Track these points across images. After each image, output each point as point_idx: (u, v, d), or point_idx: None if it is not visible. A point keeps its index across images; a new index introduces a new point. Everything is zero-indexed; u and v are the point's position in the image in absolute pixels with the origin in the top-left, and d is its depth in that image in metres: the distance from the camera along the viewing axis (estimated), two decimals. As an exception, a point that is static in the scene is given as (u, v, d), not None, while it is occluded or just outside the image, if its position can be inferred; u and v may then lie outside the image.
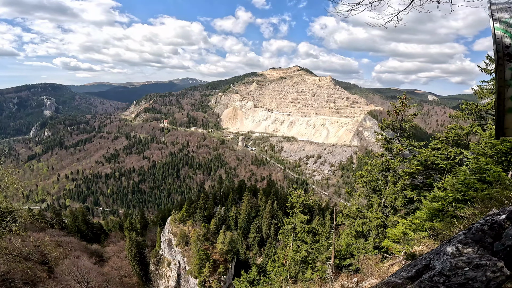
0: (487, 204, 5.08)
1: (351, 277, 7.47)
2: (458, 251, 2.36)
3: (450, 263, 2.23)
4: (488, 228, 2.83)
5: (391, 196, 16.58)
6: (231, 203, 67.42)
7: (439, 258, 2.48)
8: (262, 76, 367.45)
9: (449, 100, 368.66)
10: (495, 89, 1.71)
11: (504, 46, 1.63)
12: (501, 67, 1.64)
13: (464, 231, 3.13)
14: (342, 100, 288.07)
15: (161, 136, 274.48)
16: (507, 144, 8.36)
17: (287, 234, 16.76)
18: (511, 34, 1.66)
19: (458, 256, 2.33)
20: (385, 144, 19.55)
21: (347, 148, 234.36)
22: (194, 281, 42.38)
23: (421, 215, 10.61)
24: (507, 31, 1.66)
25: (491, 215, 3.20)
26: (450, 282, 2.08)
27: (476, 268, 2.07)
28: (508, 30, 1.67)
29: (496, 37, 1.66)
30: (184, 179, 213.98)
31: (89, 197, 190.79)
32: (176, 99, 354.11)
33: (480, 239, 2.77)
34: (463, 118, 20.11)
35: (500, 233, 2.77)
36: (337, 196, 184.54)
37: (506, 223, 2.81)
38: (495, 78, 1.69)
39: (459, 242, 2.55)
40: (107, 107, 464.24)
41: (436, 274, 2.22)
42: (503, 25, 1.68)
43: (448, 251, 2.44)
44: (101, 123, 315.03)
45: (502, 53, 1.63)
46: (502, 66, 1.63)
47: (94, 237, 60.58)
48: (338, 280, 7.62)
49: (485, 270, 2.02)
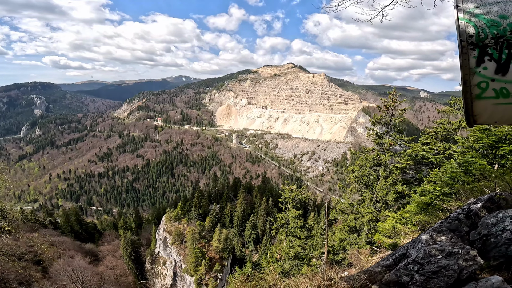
0: (469, 196, 5.18)
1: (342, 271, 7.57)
2: (432, 239, 2.40)
3: (424, 251, 2.27)
4: (464, 217, 2.88)
5: (383, 191, 16.78)
6: (226, 201, 67.39)
7: (415, 246, 2.51)
8: (256, 73, 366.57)
9: (440, 97, 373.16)
10: (461, 77, 1.74)
11: (467, 35, 1.67)
12: (465, 55, 1.67)
13: (441, 220, 3.17)
14: (336, 97, 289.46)
15: (154, 134, 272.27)
16: (492, 137, 8.53)
17: (278, 229, 16.82)
18: (474, 23, 1.69)
19: (431, 244, 2.37)
20: (376, 139, 19.77)
21: (341, 145, 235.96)
22: (190, 279, 42.37)
23: (410, 209, 10.79)
24: (470, 21, 1.69)
25: (468, 205, 3.25)
26: (423, 270, 2.12)
27: (448, 256, 2.10)
28: (472, 20, 1.69)
29: (460, 26, 1.69)
30: (179, 177, 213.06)
31: (82, 196, 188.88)
32: (169, 97, 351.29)
33: (457, 228, 2.81)
34: (452, 113, 20.39)
35: (476, 222, 2.82)
36: (332, 192, 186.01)
37: (482, 211, 2.86)
38: (460, 66, 1.72)
39: (433, 230, 2.59)
40: (99, 106, 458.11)
41: (410, 262, 2.26)
42: (467, 15, 1.71)
43: (422, 239, 2.48)
44: (93, 121, 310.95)
45: (466, 42, 1.67)
46: (467, 55, 1.67)
47: (88, 236, 60.04)
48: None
49: (457, 258, 2.05)
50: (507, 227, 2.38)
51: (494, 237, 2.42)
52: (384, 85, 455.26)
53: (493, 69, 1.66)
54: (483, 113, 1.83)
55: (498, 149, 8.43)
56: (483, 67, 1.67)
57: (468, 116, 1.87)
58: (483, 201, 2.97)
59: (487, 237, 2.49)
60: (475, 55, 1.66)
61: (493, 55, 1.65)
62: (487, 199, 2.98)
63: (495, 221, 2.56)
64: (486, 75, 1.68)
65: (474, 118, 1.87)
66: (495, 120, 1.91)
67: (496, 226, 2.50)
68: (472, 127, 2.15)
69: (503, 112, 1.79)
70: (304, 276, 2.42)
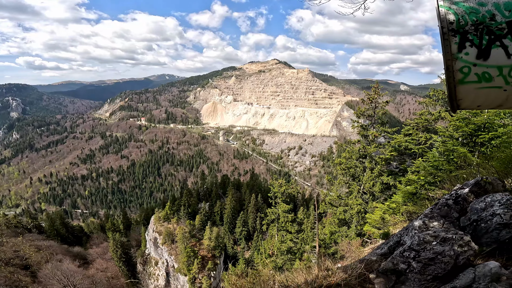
0: (454, 183, 5.36)
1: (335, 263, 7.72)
2: (425, 225, 2.44)
3: (418, 238, 2.30)
4: (453, 202, 2.94)
5: (369, 183, 17.14)
6: (215, 199, 67.10)
7: (408, 233, 2.54)
8: (241, 70, 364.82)
9: (419, 90, 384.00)
10: (444, 63, 1.80)
11: (448, 22, 1.73)
12: (447, 41, 1.73)
13: (431, 207, 3.23)
14: (320, 92, 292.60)
15: (139, 134, 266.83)
16: (472, 126, 8.85)
17: (269, 224, 16.92)
18: (454, 11, 1.74)
19: (425, 230, 2.40)
20: (361, 131, 20.16)
21: (326, 139, 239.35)
22: (184, 279, 42.16)
23: (397, 199, 11.08)
24: (450, 8, 1.75)
25: (455, 190, 3.31)
26: (420, 256, 2.15)
27: (443, 242, 2.14)
28: (451, 7, 1.75)
29: (440, 14, 1.75)
30: (166, 177, 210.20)
31: (65, 199, 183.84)
32: (153, 96, 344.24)
33: (446, 214, 2.87)
34: (431, 105, 21.00)
35: (465, 207, 2.89)
36: (320, 186, 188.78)
37: (469, 196, 2.94)
38: (442, 52, 1.77)
39: (425, 216, 2.63)
40: (79, 107, 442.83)
41: (406, 249, 2.28)
42: (446, 3, 1.76)
43: (415, 225, 2.51)
44: (73, 123, 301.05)
45: (447, 28, 1.73)
46: (448, 41, 1.73)
47: (75, 240, 58.84)
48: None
49: (452, 244, 2.09)
50: (496, 211, 2.45)
51: (484, 222, 2.48)
52: (366, 79, 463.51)
53: (474, 55, 1.72)
54: (466, 98, 1.89)
55: (477, 137, 8.76)
56: (465, 53, 1.72)
57: (452, 101, 1.92)
58: (470, 186, 3.05)
59: (477, 223, 2.55)
60: (456, 41, 1.71)
61: (474, 41, 1.71)
62: (473, 184, 3.06)
63: (483, 205, 2.63)
64: (468, 60, 1.73)
65: (458, 103, 1.92)
66: (478, 104, 1.96)
67: (485, 211, 2.57)
68: (455, 112, 2.23)
69: (485, 96, 1.84)
70: (300, 269, 2.43)
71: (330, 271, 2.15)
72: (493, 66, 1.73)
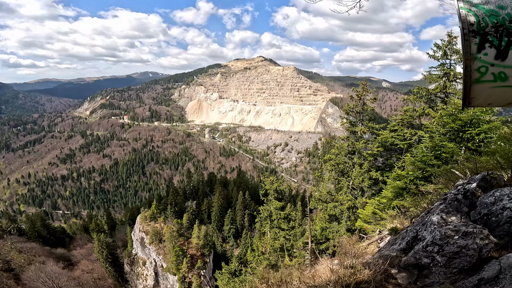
0: (450, 178, 5.59)
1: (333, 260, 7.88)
2: (443, 220, 2.52)
3: (440, 232, 2.38)
4: (462, 197, 3.06)
5: (359, 178, 17.53)
6: (203, 197, 66.62)
7: (427, 228, 2.62)
8: (227, 67, 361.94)
9: (400, 87, 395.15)
10: (463, 63, 1.88)
11: (469, 23, 1.80)
12: (467, 42, 1.81)
13: (440, 202, 3.33)
14: (305, 89, 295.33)
15: (121, 132, 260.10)
16: (459, 122, 9.21)
17: (262, 222, 17.02)
18: (474, 12, 1.82)
19: (445, 225, 2.48)
20: (349, 127, 20.53)
21: (312, 135, 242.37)
22: (173, 278, 41.78)
23: (387, 194, 11.40)
24: (470, 10, 1.83)
25: (462, 185, 3.43)
26: (444, 251, 2.23)
27: (465, 236, 2.23)
28: (472, 9, 1.83)
29: (461, 16, 1.82)
30: (151, 176, 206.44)
31: (45, 200, 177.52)
32: (136, 93, 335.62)
33: (457, 209, 2.98)
34: (415, 101, 21.63)
35: (474, 201, 3.01)
36: (306, 182, 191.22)
37: (477, 191, 3.07)
38: (462, 52, 1.85)
39: (441, 211, 2.71)
40: (57, 105, 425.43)
41: (429, 244, 2.36)
42: (466, 5, 1.84)
43: (433, 220, 2.59)
44: (51, 122, 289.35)
45: (467, 30, 1.81)
46: (468, 42, 1.81)
47: (57, 241, 57.31)
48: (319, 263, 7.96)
49: (474, 238, 2.18)
50: (506, 205, 2.57)
51: (495, 216, 2.60)
52: (349, 76, 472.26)
53: (493, 55, 1.81)
54: (479, 96, 1.98)
55: (464, 133, 9.13)
56: (484, 53, 1.82)
57: (465, 99, 2.01)
58: (477, 181, 3.18)
59: (488, 216, 2.67)
60: (476, 42, 1.80)
61: (494, 42, 1.81)
62: (480, 179, 3.19)
63: (493, 200, 2.75)
64: (486, 60, 1.83)
65: (470, 101, 2.02)
66: (489, 102, 2.07)
67: (495, 205, 2.69)
68: (464, 108, 2.38)
69: (499, 94, 1.96)
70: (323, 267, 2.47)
71: (354, 269, 2.21)
72: (509, 66, 1.84)
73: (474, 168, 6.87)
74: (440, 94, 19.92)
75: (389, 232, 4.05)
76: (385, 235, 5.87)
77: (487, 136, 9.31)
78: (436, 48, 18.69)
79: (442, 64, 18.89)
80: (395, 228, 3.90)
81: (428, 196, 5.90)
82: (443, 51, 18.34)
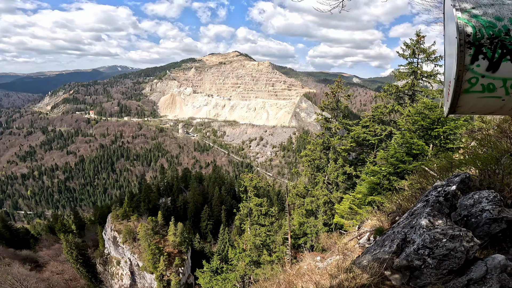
0: (424, 175, 5.98)
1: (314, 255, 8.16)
2: (431, 224, 2.70)
3: (429, 236, 2.55)
4: (444, 199, 3.28)
5: (334, 173, 18.13)
6: (177, 193, 65.36)
7: (416, 231, 2.79)
8: (201, 62, 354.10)
9: (369, 83, 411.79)
10: (455, 73, 1.89)
11: (465, 34, 1.81)
12: (462, 53, 1.82)
13: (423, 203, 3.53)
14: (280, 84, 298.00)
15: (87, 128, 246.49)
16: (428, 120, 9.82)
17: (243, 219, 17.12)
18: (472, 24, 1.83)
19: (433, 229, 2.66)
20: (325, 123, 21.09)
21: (286, 129, 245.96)
22: (151, 277, 40.86)
23: (362, 190, 11.90)
24: (469, 21, 1.84)
25: (441, 187, 3.66)
26: (434, 253, 2.40)
27: (452, 239, 2.41)
28: (470, 20, 1.84)
29: (459, 26, 1.83)
30: (121, 172, 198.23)
31: (5, 201, 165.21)
32: (103, 88, 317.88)
33: (439, 211, 3.19)
34: (385, 98, 22.60)
35: (454, 203, 3.24)
36: (281, 176, 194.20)
37: (457, 193, 3.30)
38: (456, 63, 1.86)
39: (428, 215, 2.89)
40: (14, 100, 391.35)
41: (420, 247, 2.52)
42: (465, 15, 1.85)
43: (422, 224, 2.76)
44: (8, 117, 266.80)
45: (463, 41, 1.81)
46: (463, 53, 1.82)
47: (21, 243, 53.99)
48: (302, 260, 8.19)
49: (461, 240, 2.36)
50: (485, 207, 2.81)
51: (475, 217, 2.83)
52: (322, 72, 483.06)
53: (485, 67, 1.85)
54: (465, 105, 2.05)
55: (432, 131, 9.75)
56: (477, 65, 1.85)
57: (452, 107, 2.08)
58: (456, 183, 3.42)
59: (468, 218, 2.90)
60: (470, 53, 1.83)
61: (487, 54, 1.84)
62: (459, 182, 3.44)
63: (472, 202, 2.99)
64: (478, 71, 1.87)
65: (455, 109, 2.09)
66: (472, 110, 2.16)
67: (474, 207, 2.93)
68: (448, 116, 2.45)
69: (483, 104, 2.02)
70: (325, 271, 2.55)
71: (352, 273, 2.32)
72: (499, 78, 1.89)
73: (445, 166, 7.26)
74: (408, 92, 21.03)
75: (375, 232, 4.28)
76: (365, 231, 6.15)
77: (451, 133, 10.08)
78: (405, 47, 19.52)
79: (410, 63, 19.81)
80: (380, 229, 4.12)
81: (404, 193, 6.26)
82: (412, 50, 19.17)
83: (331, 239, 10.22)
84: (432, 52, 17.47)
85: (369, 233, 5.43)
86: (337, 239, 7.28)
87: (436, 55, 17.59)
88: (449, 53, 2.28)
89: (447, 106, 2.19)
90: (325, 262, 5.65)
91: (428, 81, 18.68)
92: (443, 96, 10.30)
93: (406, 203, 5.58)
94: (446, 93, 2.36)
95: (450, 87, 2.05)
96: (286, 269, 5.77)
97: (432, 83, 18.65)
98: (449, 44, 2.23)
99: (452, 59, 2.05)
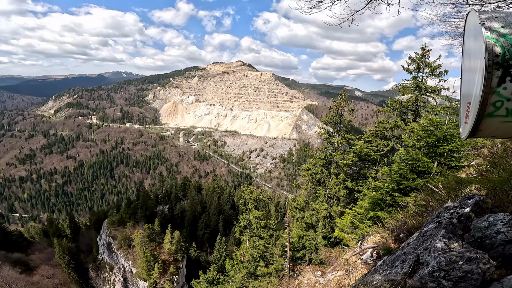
0: (431, 194, 5.90)
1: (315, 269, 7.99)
2: (447, 247, 2.64)
3: (445, 258, 2.49)
4: (457, 221, 3.23)
5: (335, 188, 18.00)
6: (175, 201, 64.90)
7: (430, 253, 2.73)
8: (204, 70, 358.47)
9: (371, 96, 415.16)
10: (480, 95, 1.77)
11: (494, 55, 1.71)
12: (489, 75, 1.72)
13: (434, 225, 3.48)
14: (282, 95, 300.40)
15: (89, 133, 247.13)
16: (433, 137, 9.79)
17: (242, 231, 16.90)
18: (501, 43, 1.72)
19: (449, 252, 2.60)
20: (327, 138, 21.09)
21: (287, 141, 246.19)
22: (144, 284, 40.14)
23: (364, 204, 11.78)
24: (498, 41, 1.73)
25: (453, 208, 3.62)
26: (450, 276, 2.34)
27: (469, 261, 2.35)
28: (499, 40, 1.73)
29: (487, 46, 1.72)
30: (120, 179, 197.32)
31: (1, 203, 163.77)
32: (107, 93, 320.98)
33: (452, 232, 3.13)
34: (388, 113, 22.61)
35: (467, 225, 3.19)
36: (280, 188, 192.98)
37: (471, 216, 3.25)
38: (483, 85, 1.75)
39: (443, 237, 2.84)
40: (18, 103, 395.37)
41: (435, 269, 2.46)
42: (494, 34, 1.75)
43: (438, 246, 2.70)
44: (11, 120, 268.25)
45: (492, 61, 1.71)
46: (491, 74, 1.72)
47: (14, 245, 53.28)
48: (302, 275, 8.02)
49: (477, 263, 2.30)
50: (500, 230, 2.76)
51: (489, 239, 2.78)
52: (325, 84, 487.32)
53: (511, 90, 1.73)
54: (486, 129, 1.92)
55: (438, 148, 9.71)
56: (503, 87, 1.73)
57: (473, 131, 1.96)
58: (470, 206, 3.38)
59: (482, 239, 2.85)
60: (498, 75, 1.70)
61: None
62: (473, 204, 3.40)
63: (487, 224, 2.94)
64: (503, 94, 1.74)
65: (476, 133, 1.97)
66: (493, 135, 2.02)
67: (488, 229, 2.88)
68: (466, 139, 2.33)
69: (505, 129, 1.89)
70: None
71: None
72: None
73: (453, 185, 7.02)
74: (412, 107, 21.08)
75: (383, 251, 4.19)
76: (367, 247, 6.04)
77: (455, 150, 10.04)
78: (410, 61, 19.44)
79: (414, 77, 19.71)
80: (388, 248, 4.04)
81: (410, 211, 6.17)
82: (417, 64, 19.06)
83: (332, 253, 10.03)
84: (437, 67, 17.42)
85: (371, 249, 5.32)
86: (338, 253, 7.13)
87: (441, 69, 17.48)
88: (468, 68, 2.18)
89: (466, 129, 2.07)
90: (326, 278, 5.52)
91: (433, 96, 18.63)
92: (449, 113, 10.20)
93: (411, 221, 5.47)
94: (463, 114, 2.24)
95: (471, 109, 1.93)
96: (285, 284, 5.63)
97: (436, 98, 18.61)
98: (469, 59, 2.12)
99: (473, 75, 1.95)
